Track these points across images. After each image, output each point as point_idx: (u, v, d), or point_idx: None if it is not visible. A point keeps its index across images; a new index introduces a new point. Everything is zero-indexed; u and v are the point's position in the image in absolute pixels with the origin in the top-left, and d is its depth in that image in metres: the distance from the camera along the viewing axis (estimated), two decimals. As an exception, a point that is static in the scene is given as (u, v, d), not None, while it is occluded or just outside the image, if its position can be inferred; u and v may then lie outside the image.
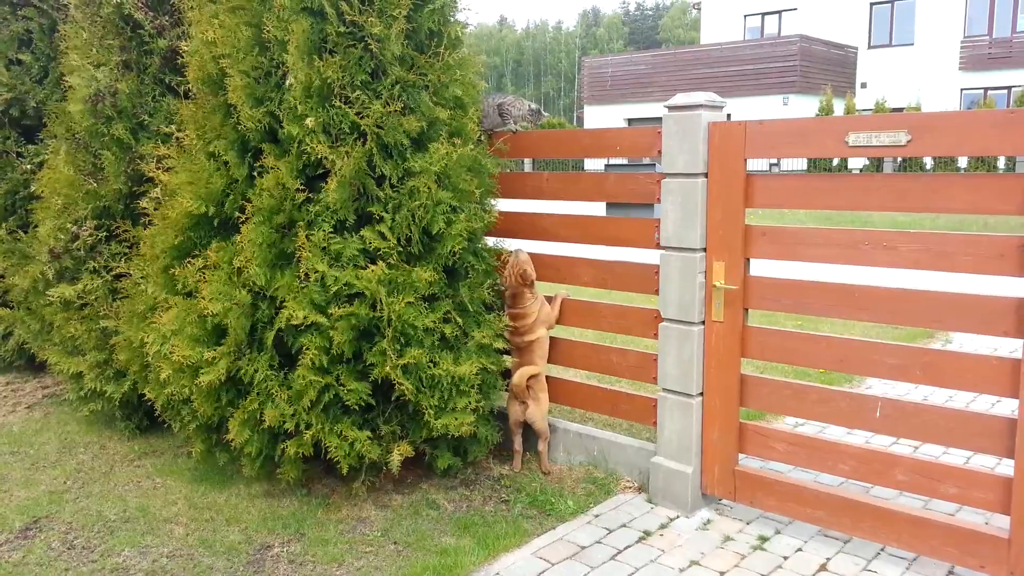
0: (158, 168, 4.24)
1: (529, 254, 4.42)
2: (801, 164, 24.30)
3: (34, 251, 5.16)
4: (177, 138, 4.18)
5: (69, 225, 4.77)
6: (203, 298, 3.71)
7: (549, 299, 4.42)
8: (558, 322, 4.43)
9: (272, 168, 3.70)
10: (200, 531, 3.75)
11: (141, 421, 4.99)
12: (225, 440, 3.90)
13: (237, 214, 3.81)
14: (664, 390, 3.97)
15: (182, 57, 4.21)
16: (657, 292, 3.95)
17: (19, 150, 5.95)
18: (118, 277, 4.67)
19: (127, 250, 4.71)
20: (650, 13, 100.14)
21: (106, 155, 4.65)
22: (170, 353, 3.78)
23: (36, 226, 5.22)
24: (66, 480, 4.36)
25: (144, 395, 4.35)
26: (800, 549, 3.57)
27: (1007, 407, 4.90)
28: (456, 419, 3.84)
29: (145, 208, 4.35)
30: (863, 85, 30.36)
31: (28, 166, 5.80)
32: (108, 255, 4.75)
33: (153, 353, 3.91)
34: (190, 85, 4.09)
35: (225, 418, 3.87)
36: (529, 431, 4.40)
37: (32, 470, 4.51)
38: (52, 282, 4.91)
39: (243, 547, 3.60)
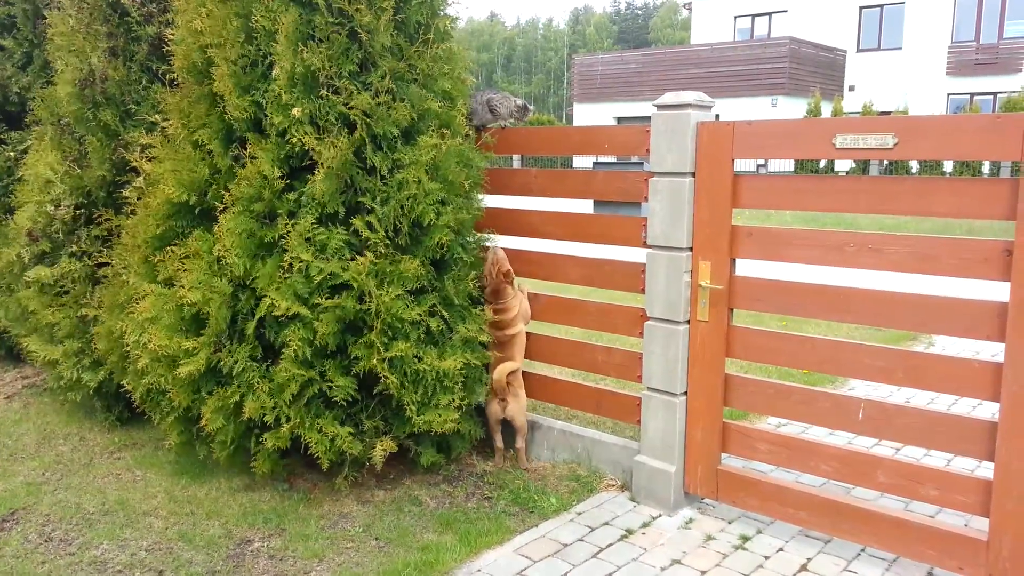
0: (142, 157, 4.20)
1: (517, 251, 4.42)
2: (788, 166, 24.40)
3: (13, 235, 5.10)
4: (162, 127, 4.14)
5: (47, 206, 4.71)
6: (182, 287, 3.68)
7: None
8: (535, 317, 4.45)
9: (252, 157, 3.67)
10: (180, 524, 3.72)
11: (122, 413, 4.94)
12: (204, 432, 3.86)
13: (217, 204, 3.78)
14: (648, 389, 3.97)
15: (168, 45, 4.17)
16: (643, 291, 3.95)
17: (2, 136, 5.88)
18: (99, 265, 4.62)
19: (107, 236, 4.66)
20: (640, 12, 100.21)
21: (91, 140, 4.60)
22: (147, 342, 3.75)
23: (17, 209, 5.16)
24: (44, 472, 4.32)
25: (124, 386, 4.31)
26: (781, 549, 3.58)
27: (988, 410, 4.95)
28: (439, 415, 3.83)
29: (128, 197, 4.31)
30: (851, 88, 30.52)
31: (12, 153, 5.74)
32: (87, 238, 4.69)
33: (132, 343, 3.88)
34: (175, 74, 4.05)
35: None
36: (507, 428, 4.39)
37: (10, 461, 4.46)
38: (29, 265, 4.85)
39: (223, 541, 3.57)
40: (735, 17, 33.69)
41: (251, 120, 3.76)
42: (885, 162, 21.15)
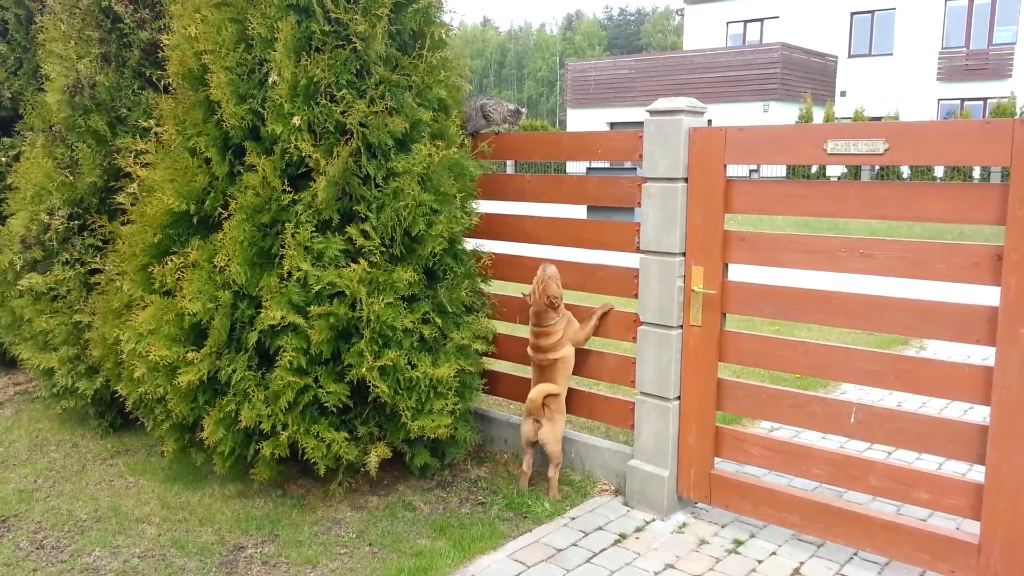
0: (136, 163, 4.19)
1: (511, 256, 4.41)
2: (780, 171, 24.49)
3: (5, 242, 5.08)
4: (156, 133, 4.13)
5: (42, 215, 4.70)
6: (183, 297, 3.67)
7: (590, 312, 4.23)
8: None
9: (256, 166, 3.67)
10: (173, 531, 3.71)
11: (114, 419, 4.92)
12: (199, 439, 3.86)
13: (220, 211, 3.77)
14: (642, 393, 3.98)
15: (162, 51, 4.17)
16: (636, 296, 3.96)
17: (-6, 142, 5.86)
18: (92, 272, 4.61)
19: (101, 244, 4.65)
20: (632, 18, 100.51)
21: (81, 147, 4.59)
22: (145, 352, 3.74)
23: (9, 217, 5.15)
24: (36, 478, 4.30)
25: (118, 392, 4.29)
26: (774, 553, 3.59)
27: (979, 414, 4.96)
28: (433, 421, 3.83)
29: (122, 203, 4.30)
30: (843, 94, 30.68)
31: (3, 158, 5.72)
32: (81, 247, 4.68)
33: (128, 351, 3.86)
34: (170, 80, 4.05)
35: (200, 417, 3.82)
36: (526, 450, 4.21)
37: (1, 468, 4.44)
38: (21, 273, 4.84)
39: (216, 548, 3.56)
40: (727, 23, 33.82)
41: (248, 128, 3.76)
42: (876, 167, 21.25)
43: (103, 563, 3.44)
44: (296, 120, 3.59)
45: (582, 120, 33.66)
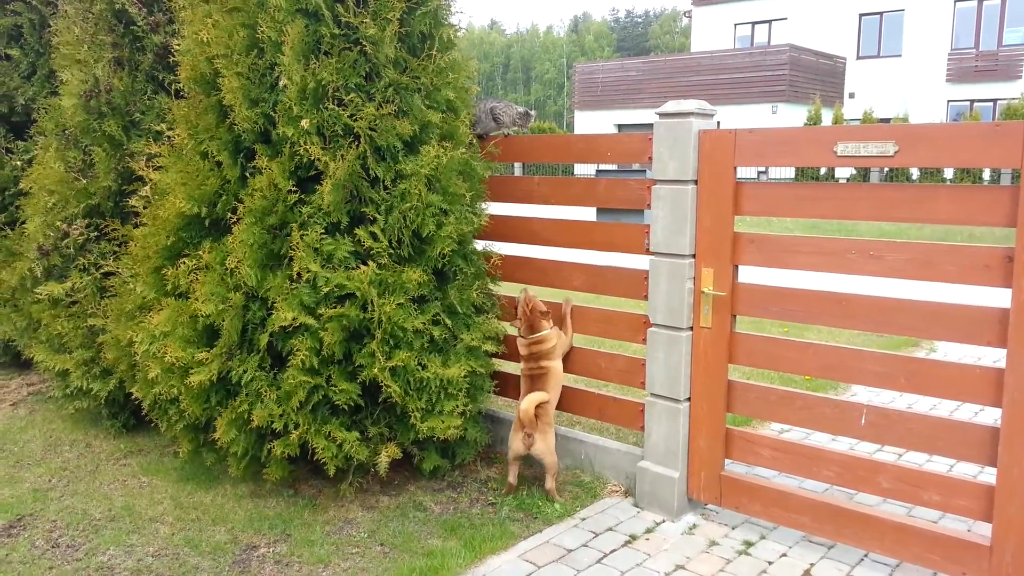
0: (148, 166, 4.23)
1: (521, 258, 4.43)
2: (789, 172, 24.44)
3: (22, 248, 5.12)
4: (168, 137, 4.17)
5: (59, 223, 4.74)
6: (196, 299, 3.70)
7: (560, 312, 4.36)
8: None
9: (265, 169, 3.70)
10: (186, 531, 3.74)
11: (127, 420, 4.96)
12: (213, 440, 3.89)
13: (229, 215, 3.80)
14: (652, 395, 3.99)
15: (174, 55, 4.21)
16: (646, 297, 3.97)
17: (8, 146, 5.92)
18: (106, 275, 4.65)
19: (116, 248, 4.69)
20: (639, 20, 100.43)
21: (96, 151, 4.63)
22: (160, 353, 3.77)
23: (23, 223, 5.19)
24: (51, 478, 4.34)
25: (131, 394, 4.33)
26: (784, 554, 3.60)
27: (990, 416, 4.96)
28: (443, 422, 3.85)
29: (135, 207, 4.34)
30: (851, 95, 30.59)
31: (17, 162, 5.78)
32: (98, 253, 4.72)
33: (142, 352, 3.90)
34: (182, 84, 4.08)
35: (213, 418, 3.86)
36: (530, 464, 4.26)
37: (16, 468, 4.48)
38: (40, 279, 4.88)
39: (229, 547, 3.59)
40: (735, 25, 33.78)
41: (259, 132, 3.79)
42: (886, 169, 21.18)
43: (117, 562, 3.47)
44: (304, 123, 3.62)
45: (590, 122, 33.66)
